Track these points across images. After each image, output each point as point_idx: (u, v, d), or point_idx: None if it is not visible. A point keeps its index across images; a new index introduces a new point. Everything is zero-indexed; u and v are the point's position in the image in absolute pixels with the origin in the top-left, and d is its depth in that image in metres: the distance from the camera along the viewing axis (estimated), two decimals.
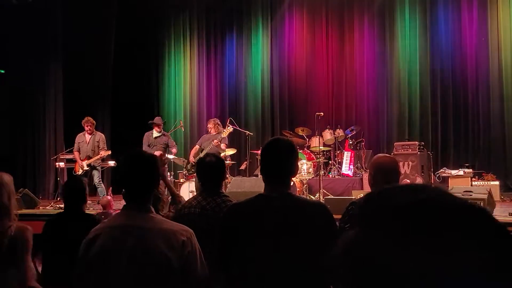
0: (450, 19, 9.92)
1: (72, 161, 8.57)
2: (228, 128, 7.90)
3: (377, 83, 10.46)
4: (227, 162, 8.59)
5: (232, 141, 9.78)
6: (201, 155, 7.32)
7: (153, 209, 1.99)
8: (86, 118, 8.14)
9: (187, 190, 7.85)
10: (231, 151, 8.32)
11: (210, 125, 8.23)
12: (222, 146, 7.89)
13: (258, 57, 11.22)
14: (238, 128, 9.11)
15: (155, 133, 8.33)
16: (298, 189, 7.76)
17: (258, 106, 11.16)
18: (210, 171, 3.01)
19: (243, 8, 11.39)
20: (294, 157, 2.09)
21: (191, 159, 8.15)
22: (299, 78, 11.08)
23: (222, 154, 7.61)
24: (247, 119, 11.13)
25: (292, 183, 8.00)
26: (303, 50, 11.09)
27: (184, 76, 11.73)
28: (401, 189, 0.60)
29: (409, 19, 10.16)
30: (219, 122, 8.26)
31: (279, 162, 2.04)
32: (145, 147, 8.17)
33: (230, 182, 7.59)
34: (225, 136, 7.87)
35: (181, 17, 11.83)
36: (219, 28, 11.63)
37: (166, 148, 8.33)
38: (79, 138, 8.20)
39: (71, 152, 8.55)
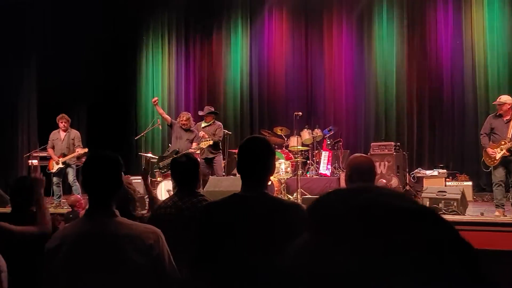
0: (427, 22, 10.09)
1: (46, 158, 8.41)
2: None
3: (355, 84, 10.57)
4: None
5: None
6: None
7: (117, 212, 1.93)
8: (61, 115, 7.99)
9: (164, 188, 7.79)
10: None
11: (183, 119, 7.80)
12: (194, 145, 7.68)
13: (237, 57, 11.20)
14: None
15: (204, 123, 8.10)
16: (276, 189, 7.77)
17: (237, 106, 11.16)
18: (183, 171, 3.00)
19: (223, 7, 11.36)
20: (270, 156, 2.08)
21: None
22: (278, 78, 11.12)
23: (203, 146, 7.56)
24: (225, 118, 11.09)
25: (270, 183, 8.08)
26: (282, 51, 11.12)
27: (162, 75, 11.64)
28: (349, 192, 0.58)
29: (386, 21, 10.29)
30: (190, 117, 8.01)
31: (255, 161, 2.03)
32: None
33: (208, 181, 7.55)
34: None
35: (160, 15, 11.73)
36: (199, 27, 11.57)
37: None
38: (53, 135, 8.05)
39: (45, 149, 8.38)
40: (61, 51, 10.26)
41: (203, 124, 8.07)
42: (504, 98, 6.40)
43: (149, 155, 8.57)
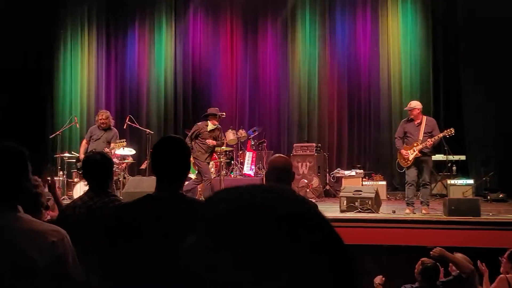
0: (347, 28, 10.52)
1: None
2: (122, 142, 7.44)
3: (279, 86, 10.77)
4: (127, 160, 8.29)
5: (132, 139, 9.47)
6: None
7: (21, 209, 1.82)
8: None
9: (82, 189, 7.43)
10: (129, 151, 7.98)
11: (102, 117, 7.35)
12: (112, 145, 7.36)
13: (161, 55, 10.98)
14: (138, 126, 8.85)
15: (211, 125, 7.55)
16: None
17: (160, 105, 10.93)
18: (96, 169, 2.88)
19: (146, 3, 11.08)
20: (186, 156, 2.06)
21: (81, 156, 7.53)
22: (203, 78, 11.06)
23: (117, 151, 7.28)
24: (148, 117, 10.84)
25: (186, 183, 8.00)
26: (207, 51, 11.07)
27: (81, 72, 11.10)
28: (238, 191, 0.57)
29: (309, 25, 10.60)
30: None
31: (169, 161, 1.99)
32: (187, 139, 7.33)
33: (128, 181, 7.33)
34: (118, 149, 7.38)
35: (79, 9, 11.19)
36: (121, 22, 11.19)
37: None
38: None
39: None
40: None
41: (209, 127, 7.53)
42: (414, 103, 6.86)
43: (66, 154, 8.14)
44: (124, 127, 8.73)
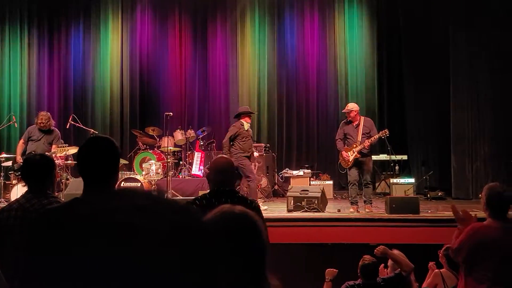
0: (295, 29, 10.66)
1: None
2: (65, 147, 7.17)
3: (229, 86, 10.75)
4: (69, 161, 8.01)
5: (76, 139, 9.17)
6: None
7: None
8: None
9: (20, 192, 7.10)
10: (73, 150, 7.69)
11: (42, 119, 7.03)
12: (53, 150, 7.07)
13: (107, 53, 10.67)
14: (82, 126, 8.56)
15: (246, 124, 7.23)
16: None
17: (106, 104, 10.61)
18: (34, 170, 2.76)
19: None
20: (114, 157, 2.00)
21: (18, 157, 7.13)
22: (151, 77, 10.86)
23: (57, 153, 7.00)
24: (94, 116, 10.51)
25: (140, 184, 7.85)
26: (155, 49, 10.88)
27: (21, 67, 10.57)
28: (103, 195, 0.56)
29: (258, 26, 10.66)
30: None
31: (98, 162, 1.92)
32: (225, 141, 7.11)
33: (70, 183, 7.08)
34: (61, 154, 7.11)
35: (19, 3, 10.66)
36: (65, 17, 10.76)
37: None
38: None
39: None
40: None
41: (246, 126, 7.24)
42: (351, 105, 7.06)
43: (3, 155, 7.75)
44: (67, 126, 8.43)
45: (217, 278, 0.52)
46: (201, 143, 9.56)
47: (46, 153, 6.45)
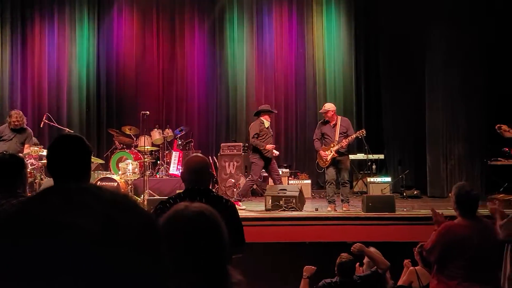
0: (274, 28, 10.66)
1: None
2: (39, 147, 7.01)
3: (208, 85, 10.70)
4: (43, 161, 7.84)
5: (51, 139, 8.97)
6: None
7: None
8: None
9: None
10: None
11: (14, 118, 6.83)
12: (26, 150, 6.91)
13: (83, 51, 10.48)
14: (57, 125, 8.40)
15: (266, 122, 7.36)
16: (122, 190, 7.47)
17: (82, 103, 10.43)
18: (4, 169, 2.68)
19: None
20: (85, 154, 1.95)
21: None
22: (128, 76, 10.72)
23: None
24: (69, 115, 10.31)
25: (116, 183, 7.73)
26: (132, 48, 10.74)
27: None
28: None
29: (237, 26, 10.63)
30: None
31: (68, 161, 1.87)
32: (253, 139, 7.25)
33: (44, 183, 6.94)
34: (35, 154, 6.96)
35: None
36: (38, 14, 10.51)
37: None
38: None
39: None
40: None
41: (266, 124, 7.41)
42: (328, 106, 7.11)
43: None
44: (41, 125, 8.26)
45: (161, 277, 0.50)
46: (179, 143, 9.48)
47: (19, 154, 6.30)
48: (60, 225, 0.47)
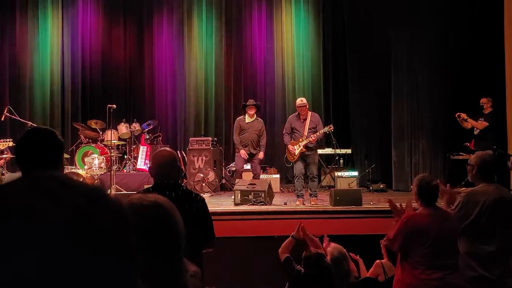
0: (243, 23, 10.61)
1: None
2: (8, 141, 6.82)
3: (176, 79, 10.58)
4: (6, 156, 7.61)
5: (13, 132, 8.71)
6: None
7: None
8: None
9: None
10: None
11: None
12: None
13: (46, 44, 10.16)
14: (19, 118, 8.14)
15: (248, 117, 7.58)
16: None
17: (46, 95, 10.13)
18: None
19: None
20: (56, 147, 1.91)
21: None
22: (94, 69, 10.48)
23: None
24: (32, 108, 10.01)
25: (82, 178, 7.57)
26: (98, 40, 10.50)
27: None
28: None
29: (206, 19, 10.54)
30: None
31: (39, 154, 1.83)
32: (235, 136, 7.62)
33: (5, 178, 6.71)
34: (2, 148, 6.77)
35: None
36: None
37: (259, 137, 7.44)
38: None
39: None
40: None
41: (247, 119, 7.61)
42: (304, 100, 7.17)
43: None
44: (2, 118, 7.99)
45: (131, 265, 0.49)
46: (147, 137, 9.35)
47: None
48: (24, 208, 0.46)
